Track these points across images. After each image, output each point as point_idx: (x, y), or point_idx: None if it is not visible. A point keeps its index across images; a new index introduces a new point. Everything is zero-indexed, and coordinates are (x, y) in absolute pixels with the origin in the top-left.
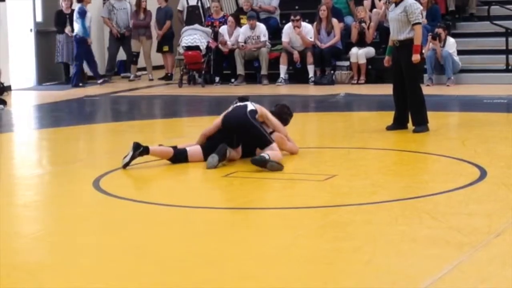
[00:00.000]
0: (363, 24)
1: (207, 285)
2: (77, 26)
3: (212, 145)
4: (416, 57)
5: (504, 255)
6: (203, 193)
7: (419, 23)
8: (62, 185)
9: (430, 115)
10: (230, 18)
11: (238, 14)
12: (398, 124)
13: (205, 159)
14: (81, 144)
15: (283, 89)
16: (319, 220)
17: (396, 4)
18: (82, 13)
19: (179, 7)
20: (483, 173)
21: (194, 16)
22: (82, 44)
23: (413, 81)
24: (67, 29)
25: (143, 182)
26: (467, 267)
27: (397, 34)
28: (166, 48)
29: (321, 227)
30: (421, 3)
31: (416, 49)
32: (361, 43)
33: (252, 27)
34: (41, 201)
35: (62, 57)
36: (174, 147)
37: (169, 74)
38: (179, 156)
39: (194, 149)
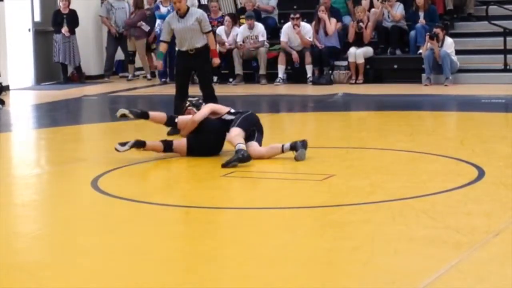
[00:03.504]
0: (360, 24)
1: (207, 285)
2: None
3: (198, 142)
4: (217, 60)
5: (503, 255)
6: (202, 193)
7: (211, 30)
8: (60, 185)
9: (429, 115)
10: (227, 18)
11: (239, 14)
12: None
13: (189, 154)
14: (79, 143)
15: (281, 89)
16: (317, 220)
17: (183, 16)
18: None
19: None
20: (481, 173)
21: None
22: None
23: (210, 83)
24: (64, 29)
25: (141, 182)
26: (466, 266)
27: (194, 43)
28: None
29: (319, 227)
30: (417, 4)
31: (215, 53)
32: (359, 42)
33: (251, 27)
34: (40, 200)
35: (59, 57)
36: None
37: None
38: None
39: (180, 143)
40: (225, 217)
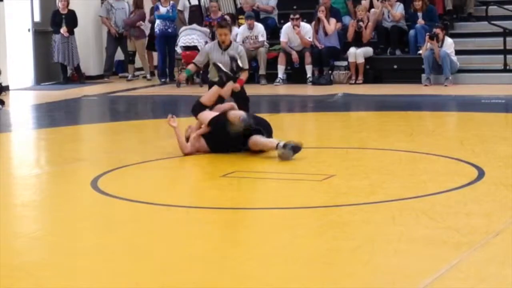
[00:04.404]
0: (360, 23)
1: (206, 285)
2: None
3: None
4: (239, 87)
5: (503, 255)
6: (201, 193)
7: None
8: (60, 185)
9: (429, 115)
10: (227, 17)
11: (238, 14)
12: None
13: (212, 120)
14: (79, 144)
15: (281, 89)
16: (317, 220)
17: (226, 49)
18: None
19: (180, 7)
20: (481, 173)
21: (196, 16)
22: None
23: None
24: (63, 30)
25: (141, 182)
26: (466, 267)
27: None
28: None
29: (319, 227)
30: (415, 7)
31: (241, 82)
32: (358, 42)
33: (250, 27)
34: (39, 201)
35: (58, 57)
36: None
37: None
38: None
39: (208, 113)
40: (225, 217)
